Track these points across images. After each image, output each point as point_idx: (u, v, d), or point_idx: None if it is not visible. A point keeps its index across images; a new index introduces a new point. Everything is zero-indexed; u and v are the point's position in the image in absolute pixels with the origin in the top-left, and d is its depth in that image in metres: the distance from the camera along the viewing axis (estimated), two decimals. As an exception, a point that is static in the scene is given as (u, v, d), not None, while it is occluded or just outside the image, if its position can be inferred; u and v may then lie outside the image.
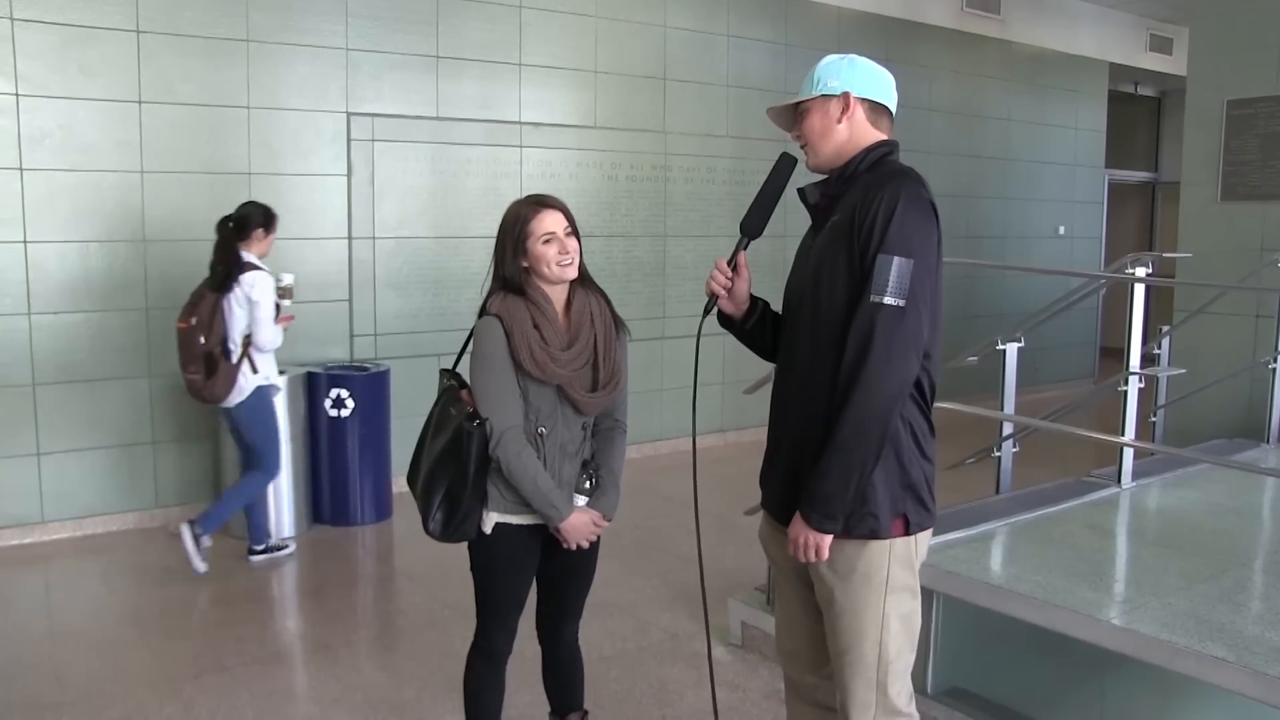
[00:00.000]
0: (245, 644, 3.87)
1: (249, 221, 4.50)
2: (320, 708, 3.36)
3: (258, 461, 4.62)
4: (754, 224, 2.18)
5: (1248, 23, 5.96)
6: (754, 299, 2.26)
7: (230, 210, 4.51)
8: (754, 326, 2.27)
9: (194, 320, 4.36)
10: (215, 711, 3.31)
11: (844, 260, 1.98)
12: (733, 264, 2.20)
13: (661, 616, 4.12)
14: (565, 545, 2.46)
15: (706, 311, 2.24)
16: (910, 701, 2.16)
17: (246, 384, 4.47)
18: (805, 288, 2.09)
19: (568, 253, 2.41)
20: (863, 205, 1.96)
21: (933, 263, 1.97)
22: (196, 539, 4.49)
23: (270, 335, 4.45)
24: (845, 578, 2.06)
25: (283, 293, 4.63)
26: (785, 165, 2.17)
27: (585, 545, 2.49)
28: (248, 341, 4.43)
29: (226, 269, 4.40)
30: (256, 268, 4.45)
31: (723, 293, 2.20)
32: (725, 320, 2.28)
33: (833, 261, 2.00)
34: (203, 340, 4.34)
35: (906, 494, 2.04)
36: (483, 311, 2.43)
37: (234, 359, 4.41)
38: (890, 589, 2.05)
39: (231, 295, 4.38)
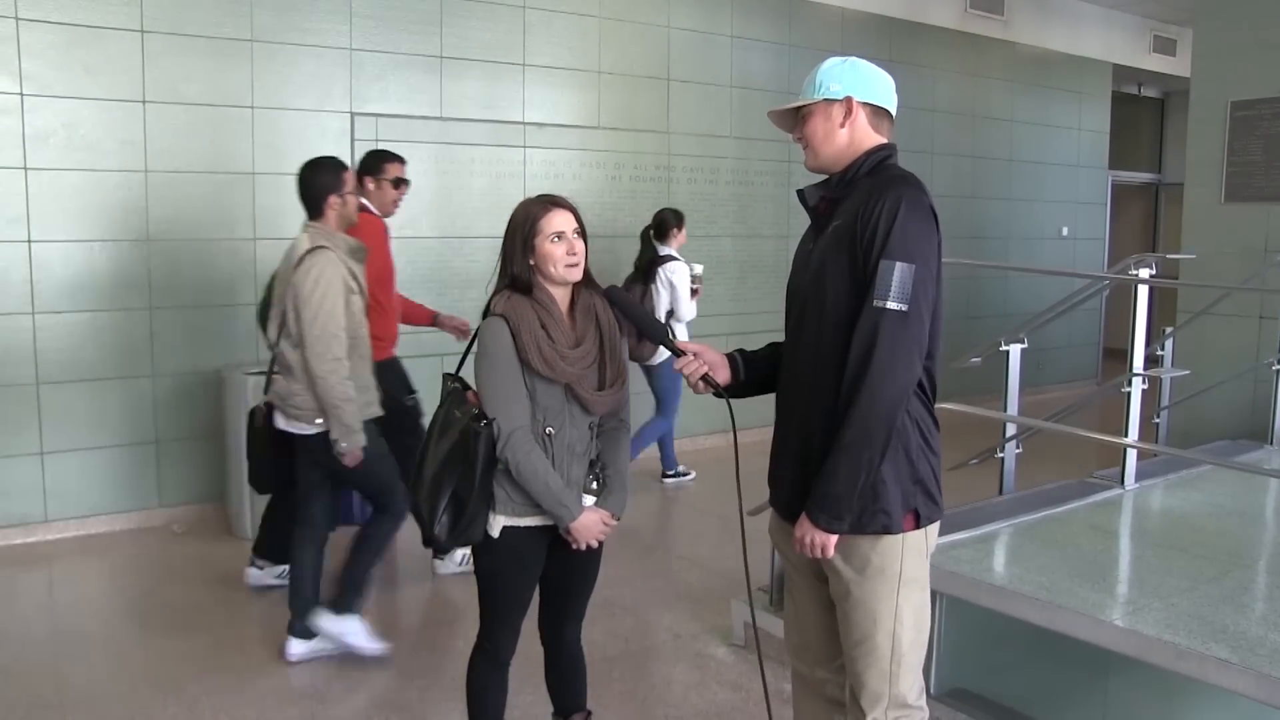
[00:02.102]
0: (248, 643, 3.87)
1: (666, 225, 5.78)
2: (323, 707, 3.36)
3: (662, 408, 5.89)
4: (657, 330, 2.52)
5: (1251, 24, 5.95)
6: (728, 356, 2.29)
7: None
8: (748, 379, 2.30)
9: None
10: (218, 711, 3.31)
11: (846, 265, 2.02)
12: (679, 354, 2.25)
13: (664, 617, 4.12)
14: (575, 545, 2.45)
15: (719, 396, 2.28)
16: (920, 696, 2.19)
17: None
18: (808, 290, 2.12)
19: (575, 254, 2.40)
20: (865, 210, 1.99)
21: (934, 266, 2.01)
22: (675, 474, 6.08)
23: (688, 309, 5.71)
24: (860, 571, 2.10)
25: (695, 279, 5.77)
26: (619, 298, 2.46)
27: (594, 545, 2.49)
28: (669, 315, 5.67)
29: (646, 264, 5.75)
30: (675, 258, 5.70)
31: (704, 370, 2.23)
32: (733, 391, 2.30)
33: (835, 266, 2.04)
34: None
35: (916, 489, 2.09)
36: (487, 312, 2.42)
37: None
38: (903, 581, 2.10)
39: (656, 280, 5.67)
